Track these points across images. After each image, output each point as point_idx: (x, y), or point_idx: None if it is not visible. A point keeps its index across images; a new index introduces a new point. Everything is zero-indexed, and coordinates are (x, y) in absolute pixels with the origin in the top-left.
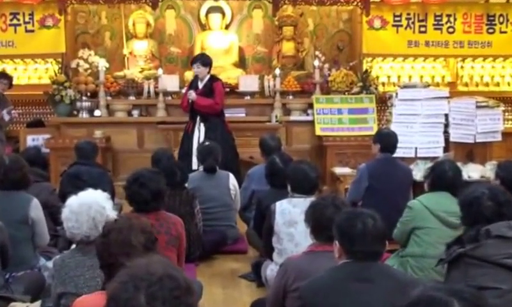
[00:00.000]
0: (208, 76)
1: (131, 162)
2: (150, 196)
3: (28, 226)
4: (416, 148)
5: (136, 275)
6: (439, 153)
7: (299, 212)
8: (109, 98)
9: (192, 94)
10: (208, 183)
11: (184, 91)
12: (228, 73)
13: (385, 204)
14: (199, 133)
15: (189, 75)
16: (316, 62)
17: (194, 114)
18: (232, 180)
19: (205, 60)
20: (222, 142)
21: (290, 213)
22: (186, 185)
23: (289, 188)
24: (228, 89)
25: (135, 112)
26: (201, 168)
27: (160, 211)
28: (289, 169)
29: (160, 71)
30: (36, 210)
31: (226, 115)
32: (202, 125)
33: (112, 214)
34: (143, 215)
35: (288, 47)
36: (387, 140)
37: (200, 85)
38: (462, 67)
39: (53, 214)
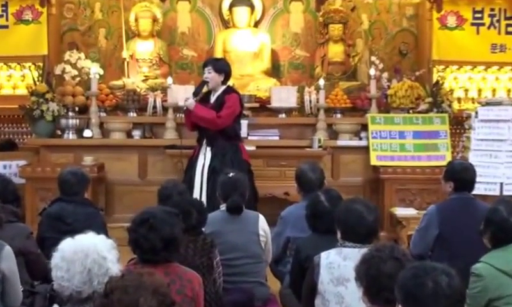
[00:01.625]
0: (223, 87)
1: (130, 197)
2: (160, 243)
3: None
4: (501, 184)
5: None
6: None
7: (351, 266)
8: (103, 114)
9: (189, 101)
10: (232, 227)
11: None
12: (257, 83)
13: (462, 260)
14: (204, 159)
15: None
16: (372, 71)
17: (202, 135)
18: (262, 224)
19: (220, 66)
20: None
21: (340, 268)
22: (203, 229)
23: (339, 234)
24: (257, 105)
25: (136, 133)
26: (223, 207)
27: (173, 264)
28: (340, 210)
29: (169, 80)
30: (8, 261)
31: (254, 138)
32: (209, 149)
33: (115, 268)
34: (148, 266)
35: (335, 51)
36: (462, 176)
37: (213, 98)
38: None
39: (29, 264)
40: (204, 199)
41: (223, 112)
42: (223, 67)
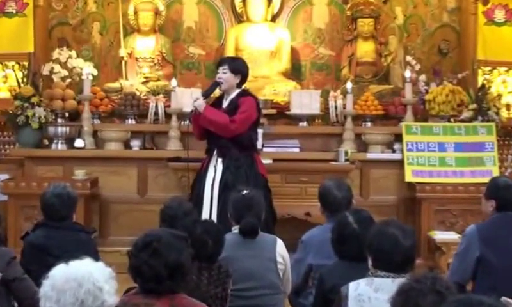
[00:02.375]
0: (237, 91)
1: (128, 217)
2: (165, 270)
3: None
4: None
5: None
6: None
7: (383, 298)
8: (97, 121)
9: (198, 101)
10: (246, 253)
11: None
12: (274, 86)
13: (508, 286)
14: (214, 173)
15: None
16: (407, 73)
17: (212, 144)
18: (280, 249)
19: (237, 66)
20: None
21: (371, 301)
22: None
23: (370, 262)
24: (274, 111)
25: (135, 143)
26: (235, 229)
27: (179, 295)
28: (371, 234)
29: (173, 82)
30: None
31: (271, 150)
32: (220, 161)
33: (112, 300)
34: (150, 298)
35: (365, 49)
36: (506, 195)
37: (225, 103)
38: None
39: (14, 292)
40: (214, 218)
41: (236, 116)
42: (240, 68)
